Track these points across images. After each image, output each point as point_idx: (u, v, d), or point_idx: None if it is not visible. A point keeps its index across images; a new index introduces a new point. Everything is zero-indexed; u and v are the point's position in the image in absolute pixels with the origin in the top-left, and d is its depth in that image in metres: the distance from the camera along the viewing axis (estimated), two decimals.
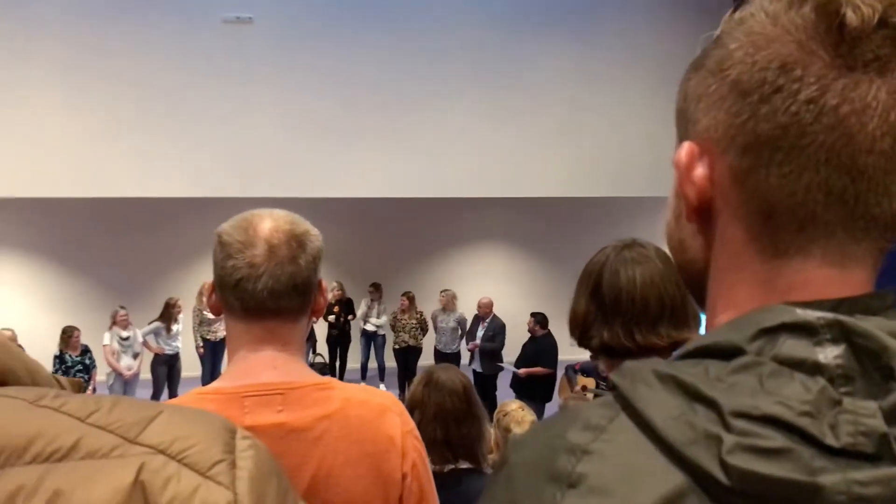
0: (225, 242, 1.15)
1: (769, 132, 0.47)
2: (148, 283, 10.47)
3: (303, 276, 1.15)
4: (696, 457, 0.41)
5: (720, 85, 0.50)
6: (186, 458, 0.47)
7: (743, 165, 0.49)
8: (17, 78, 8.07)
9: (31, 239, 10.28)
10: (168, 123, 8.51)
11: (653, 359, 0.49)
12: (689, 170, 0.52)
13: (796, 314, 0.45)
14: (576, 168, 9.57)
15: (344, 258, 10.56)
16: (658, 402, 0.44)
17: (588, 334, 1.33)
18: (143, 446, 0.47)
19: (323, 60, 8.85)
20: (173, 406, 0.53)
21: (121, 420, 0.48)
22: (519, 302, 10.54)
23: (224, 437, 0.50)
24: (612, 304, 1.30)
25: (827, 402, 0.41)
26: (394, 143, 9.04)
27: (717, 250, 0.53)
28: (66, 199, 9.11)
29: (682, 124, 0.55)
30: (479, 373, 8.25)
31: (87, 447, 0.45)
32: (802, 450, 0.40)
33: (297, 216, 1.22)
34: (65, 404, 0.48)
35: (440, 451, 2.19)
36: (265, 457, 0.52)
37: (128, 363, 7.98)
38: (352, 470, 1.13)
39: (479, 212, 11.46)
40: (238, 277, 1.12)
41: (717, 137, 0.50)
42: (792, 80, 0.46)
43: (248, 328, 1.16)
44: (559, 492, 0.44)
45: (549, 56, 9.39)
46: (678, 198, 0.56)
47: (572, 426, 0.47)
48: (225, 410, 1.08)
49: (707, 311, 0.56)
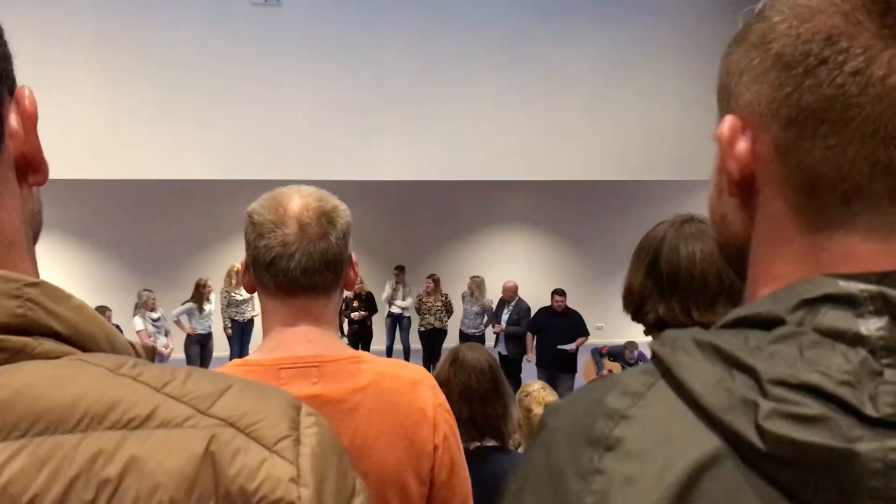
0: (256, 222, 1.17)
1: (814, 104, 0.46)
2: (176, 265, 10.60)
3: (334, 251, 1.17)
4: (732, 422, 0.42)
5: (763, 58, 0.49)
6: (254, 431, 0.48)
7: (787, 139, 0.48)
8: (47, 61, 8.16)
9: (60, 220, 10.43)
10: (197, 106, 8.58)
11: (694, 328, 0.49)
12: (731, 144, 0.52)
13: (839, 286, 0.44)
14: (600, 151, 9.50)
15: (369, 241, 10.60)
16: (697, 369, 0.45)
17: (643, 309, 1.31)
18: (214, 418, 0.48)
19: (350, 44, 8.85)
20: (243, 380, 0.53)
21: (194, 391, 0.49)
22: (542, 285, 10.52)
23: (290, 414, 0.51)
24: (669, 279, 1.27)
25: (868, 372, 0.41)
26: (418, 126, 9.04)
27: (759, 224, 0.53)
28: (97, 181, 9.24)
29: (724, 99, 0.55)
30: (504, 356, 8.27)
31: (161, 416, 0.47)
32: (840, 418, 0.40)
33: (325, 192, 1.23)
34: (142, 374, 0.49)
35: (466, 429, 2.19)
36: (328, 434, 0.53)
37: (163, 342, 8.19)
38: (385, 441, 1.15)
39: (503, 195, 11.43)
40: (271, 256, 1.15)
41: (760, 111, 0.50)
42: (837, 52, 0.45)
43: (283, 305, 1.18)
44: (596, 455, 0.44)
45: (574, 39, 9.30)
46: (720, 172, 0.55)
47: (611, 392, 0.47)
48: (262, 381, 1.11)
49: (748, 285, 0.55)
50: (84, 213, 10.57)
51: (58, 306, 0.50)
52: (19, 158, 0.54)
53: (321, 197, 1.21)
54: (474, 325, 9.03)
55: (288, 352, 1.15)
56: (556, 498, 0.46)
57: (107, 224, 10.71)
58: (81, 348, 0.50)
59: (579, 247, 12.03)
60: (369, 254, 10.58)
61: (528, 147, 9.28)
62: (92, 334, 0.51)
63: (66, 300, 0.51)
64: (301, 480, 0.48)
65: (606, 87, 9.42)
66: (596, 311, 10.10)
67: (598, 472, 0.44)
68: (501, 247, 12.00)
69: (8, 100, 0.52)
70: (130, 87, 8.44)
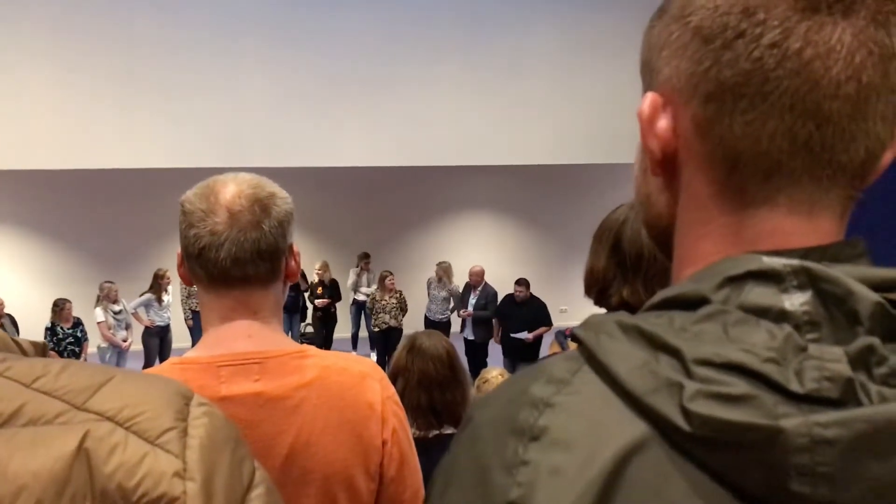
0: (187, 211, 1.13)
1: (732, 79, 0.45)
2: (137, 255, 10.43)
3: (267, 241, 1.12)
4: (657, 405, 0.41)
5: (682, 32, 0.48)
6: (135, 425, 0.46)
7: (707, 115, 0.47)
8: (2, 49, 7.93)
9: (17, 211, 10.20)
10: (154, 94, 8.40)
11: (619, 312, 0.48)
12: (651, 122, 0.50)
13: (762, 262, 0.44)
14: (562, 135, 9.53)
15: (331, 228, 10.53)
16: (621, 353, 0.44)
17: (607, 292, 1.29)
18: (90, 413, 0.45)
19: (308, 30, 8.73)
20: (126, 371, 0.51)
21: (68, 386, 0.46)
22: (507, 269, 10.57)
23: (177, 405, 0.49)
24: (633, 260, 1.26)
25: (793, 348, 0.40)
26: (380, 111, 8.96)
27: (682, 204, 0.52)
28: (53, 171, 9.02)
29: (646, 75, 0.53)
30: (470, 341, 8.30)
31: (30, 413, 0.44)
32: (766, 396, 0.39)
33: (265, 179, 1.18)
34: (9, 369, 0.46)
35: (425, 416, 2.20)
36: (220, 424, 0.50)
37: (123, 335, 8.03)
38: (331, 437, 1.12)
39: (465, 180, 11.43)
40: (200, 246, 1.11)
41: (679, 87, 0.48)
42: (755, 24, 0.44)
43: (217, 297, 1.15)
44: (521, 445, 0.43)
45: (535, 21, 9.29)
46: (643, 151, 0.54)
47: (536, 380, 0.46)
48: (201, 380, 1.08)
49: (674, 266, 0.55)
50: (41, 205, 10.34)
51: None
52: None
53: (257, 184, 1.16)
54: (441, 311, 8.98)
55: (228, 348, 1.11)
56: (481, 493, 0.44)
57: (65, 215, 10.48)
58: None
59: (543, 230, 12.09)
60: (333, 241, 10.52)
61: (490, 131, 9.27)
62: None
63: None
64: (187, 474, 0.45)
65: (568, 70, 9.44)
66: (560, 294, 10.17)
67: (524, 463, 0.43)
68: (466, 232, 12.02)
69: None
70: (84, 74, 8.23)
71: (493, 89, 9.22)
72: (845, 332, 0.42)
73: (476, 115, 9.18)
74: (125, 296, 8.29)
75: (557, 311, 8.50)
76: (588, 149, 9.70)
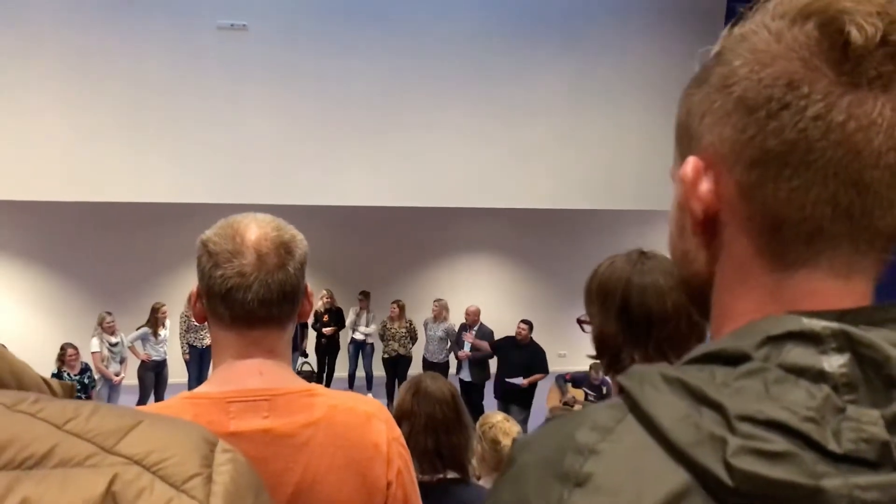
0: (212, 251, 1.14)
1: (777, 147, 0.47)
2: (137, 288, 10.40)
3: (292, 282, 1.15)
4: (700, 457, 0.42)
5: (725, 101, 0.50)
6: (161, 469, 0.46)
7: (751, 180, 0.49)
8: (12, 81, 8.04)
9: (20, 241, 10.21)
10: (161, 129, 8.49)
11: (660, 363, 0.49)
12: (695, 184, 0.53)
13: (802, 323, 0.45)
14: (564, 180, 9.60)
15: (334, 266, 10.53)
16: (665, 404, 0.45)
17: (619, 357, 1.27)
18: (118, 456, 0.46)
19: (315, 69, 8.86)
20: (155, 415, 0.51)
21: (98, 428, 0.47)
22: (505, 310, 10.55)
23: (203, 450, 0.49)
24: (642, 323, 1.24)
25: (831, 409, 0.42)
26: (385, 152, 9.05)
27: (722, 263, 0.54)
28: (57, 203, 9.06)
29: (684, 139, 0.56)
30: (466, 381, 8.26)
31: (60, 455, 0.45)
32: (805, 454, 0.40)
33: (281, 221, 1.20)
34: (42, 410, 0.47)
35: (430, 460, 2.18)
36: (244, 471, 0.51)
37: (115, 369, 7.92)
38: (336, 476, 1.13)
39: (468, 221, 11.47)
40: (228, 287, 1.12)
41: (723, 153, 0.51)
42: (799, 97, 0.47)
43: (237, 336, 1.16)
44: (566, 490, 0.44)
45: (540, 68, 9.43)
46: (682, 210, 0.56)
47: (580, 427, 0.47)
48: (210, 415, 1.09)
49: (712, 322, 0.56)
50: (44, 234, 10.34)
51: None
52: None
53: (279, 226, 1.18)
54: (439, 351, 8.97)
55: (238, 384, 1.13)
56: None
57: (67, 245, 10.48)
58: None
59: (543, 274, 12.09)
60: (335, 279, 10.51)
61: (491, 175, 9.34)
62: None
63: None
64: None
65: (569, 117, 9.55)
66: (558, 338, 10.14)
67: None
68: (465, 273, 12.02)
69: None
70: (93, 108, 8.32)
71: (495, 134, 9.32)
72: (881, 395, 0.43)
73: (478, 159, 9.26)
74: (124, 328, 8.25)
75: (556, 356, 8.47)
76: (588, 195, 9.76)
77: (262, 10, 8.78)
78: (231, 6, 8.66)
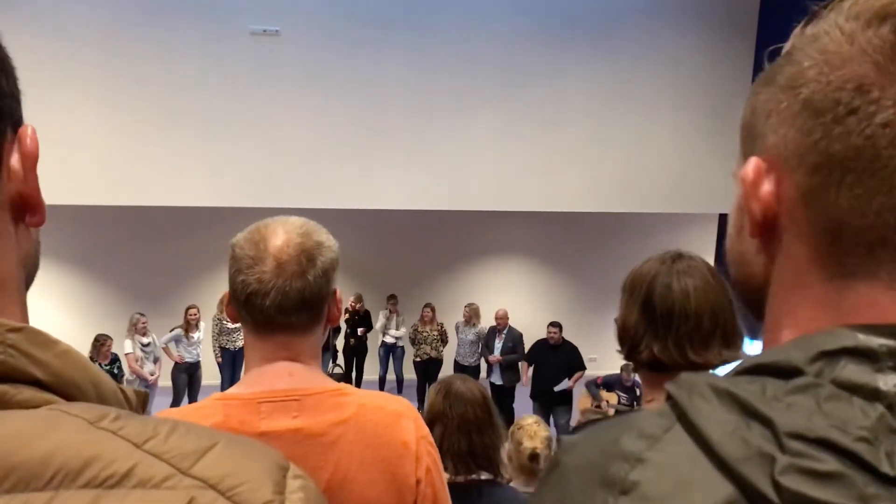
0: (237, 256, 1.17)
1: (842, 153, 0.46)
2: (172, 291, 10.57)
3: (312, 290, 1.16)
4: (748, 474, 0.41)
5: (792, 102, 0.49)
6: (236, 495, 0.46)
7: (812, 184, 0.48)
8: (48, 86, 8.20)
9: (57, 245, 10.42)
10: (195, 134, 8.62)
11: (709, 372, 0.48)
12: (755, 186, 0.51)
13: (858, 339, 0.44)
14: (596, 183, 9.55)
15: (365, 269, 10.59)
16: (714, 416, 0.44)
17: (638, 348, 1.30)
18: (194, 479, 0.46)
19: (348, 74, 8.93)
20: (230, 437, 0.52)
21: (176, 449, 0.47)
22: (537, 315, 10.51)
23: (275, 477, 0.49)
24: (664, 317, 1.27)
25: (885, 429, 0.40)
26: (418, 155, 9.09)
27: (780, 267, 0.53)
28: (92, 207, 9.25)
29: (748, 139, 0.55)
30: (497, 385, 8.25)
31: (139, 475, 0.45)
32: (856, 476, 0.39)
33: (314, 225, 1.22)
34: (123, 427, 0.47)
35: (464, 461, 2.18)
36: (314, 498, 0.51)
37: (150, 369, 8.08)
38: (366, 475, 1.14)
39: (498, 224, 11.46)
40: (247, 293, 1.14)
41: (786, 155, 0.50)
42: (868, 102, 0.45)
43: (261, 340, 1.18)
44: (611, 497, 0.44)
45: (572, 70, 9.40)
46: (741, 212, 0.55)
47: (626, 433, 0.47)
48: (241, 415, 1.11)
49: (766, 327, 0.55)
50: (81, 238, 10.55)
51: (41, 352, 0.48)
52: (17, 199, 0.53)
53: (306, 232, 1.19)
54: (470, 354, 8.98)
55: (268, 385, 1.15)
56: None
57: (103, 249, 10.70)
58: (65, 396, 0.48)
59: (573, 277, 12.04)
60: (365, 283, 10.58)
61: (523, 178, 9.33)
62: (76, 382, 0.50)
63: (51, 346, 0.49)
64: None
65: (601, 120, 9.50)
66: (589, 342, 10.07)
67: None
68: (496, 276, 12.01)
69: (10, 138, 0.51)
70: (129, 113, 8.48)
71: (527, 137, 9.31)
72: None
73: (510, 162, 9.26)
74: (158, 331, 8.38)
75: (586, 360, 8.43)
76: (621, 197, 9.69)
77: (294, 16, 8.87)
78: (264, 12, 8.76)
